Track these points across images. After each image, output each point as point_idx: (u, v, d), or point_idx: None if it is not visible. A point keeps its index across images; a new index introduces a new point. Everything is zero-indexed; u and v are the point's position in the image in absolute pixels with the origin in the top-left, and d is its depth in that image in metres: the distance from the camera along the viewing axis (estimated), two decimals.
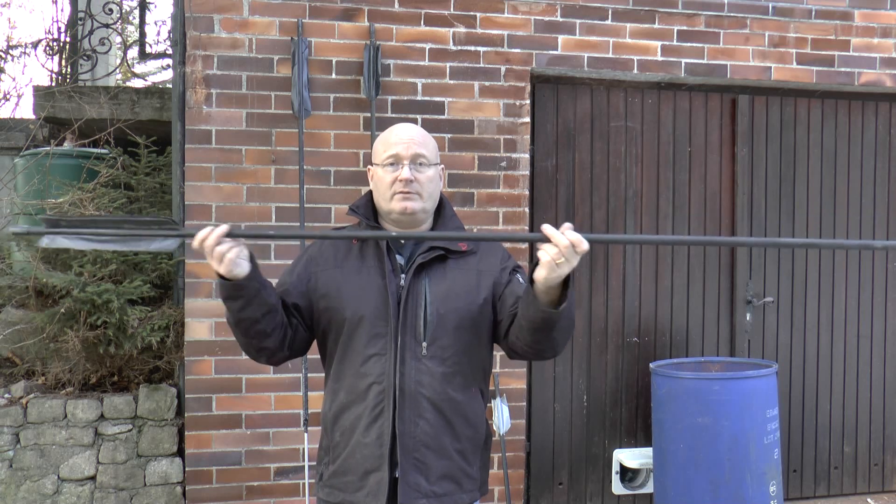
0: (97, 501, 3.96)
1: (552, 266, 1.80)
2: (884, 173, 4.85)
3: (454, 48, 4.12)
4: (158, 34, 11.17)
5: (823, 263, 4.79)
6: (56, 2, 6.40)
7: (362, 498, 2.06)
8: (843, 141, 4.80)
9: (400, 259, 2.13)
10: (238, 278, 1.94)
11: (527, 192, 4.23)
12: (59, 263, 4.28)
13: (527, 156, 4.23)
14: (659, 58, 4.34)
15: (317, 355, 2.26)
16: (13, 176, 4.92)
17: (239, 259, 1.93)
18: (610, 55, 4.28)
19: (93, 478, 3.98)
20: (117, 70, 6.73)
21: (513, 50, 4.18)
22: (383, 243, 2.12)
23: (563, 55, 4.23)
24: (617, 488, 4.53)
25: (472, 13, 4.13)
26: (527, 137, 4.22)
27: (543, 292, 1.88)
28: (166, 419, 4.03)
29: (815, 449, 4.81)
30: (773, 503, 4.05)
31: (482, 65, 4.15)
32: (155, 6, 7.95)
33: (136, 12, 7.09)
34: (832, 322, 4.82)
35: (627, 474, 4.56)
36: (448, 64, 4.11)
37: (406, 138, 2.14)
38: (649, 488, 4.45)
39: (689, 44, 4.37)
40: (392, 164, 2.11)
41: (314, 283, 2.14)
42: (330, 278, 2.13)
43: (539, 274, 1.84)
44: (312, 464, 3.77)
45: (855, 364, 4.85)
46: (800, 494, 4.79)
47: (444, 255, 2.13)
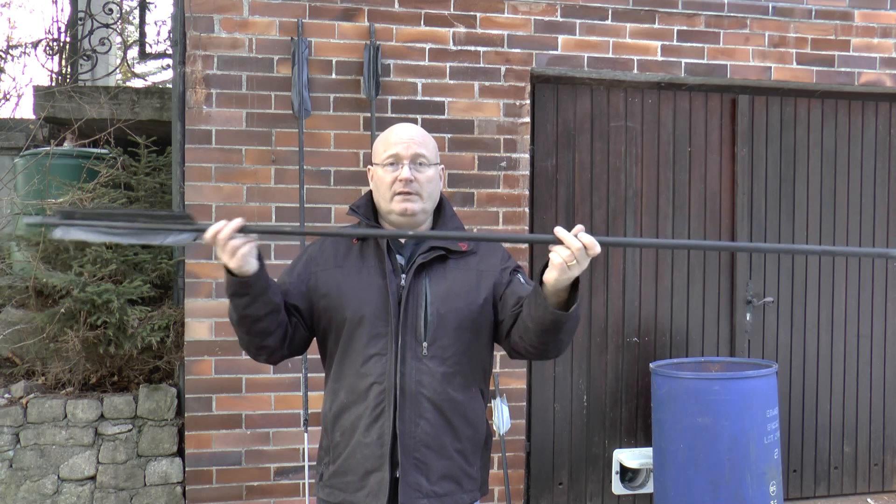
0: (97, 501, 3.96)
1: (563, 268, 1.81)
2: (884, 173, 4.85)
3: (454, 48, 4.12)
4: (158, 34, 11.17)
5: (823, 263, 4.79)
6: (56, 2, 6.40)
7: (363, 498, 2.06)
8: (843, 141, 4.80)
9: (400, 259, 2.13)
10: (247, 275, 1.93)
11: (527, 192, 4.23)
12: (59, 263, 4.28)
13: (527, 156, 4.23)
14: (659, 58, 4.34)
15: (317, 355, 2.27)
16: (13, 176, 4.92)
17: (249, 255, 1.92)
18: (610, 55, 4.28)
19: (93, 478, 3.98)
20: (117, 70, 6.73)
21: (513, 50, 4.18)
22: (383, 244, 2.12)
23: (563, 55, 4.24)
24: (617, 488, 4.53)
25: (472, 13, 4.13)
26: (527, 137, 4.22)
27: (552, 294, 1.89)
28: (166, 419, 4.03)
29: (815, 449, 4.81)
30: (773, 503, 4.05)
31: (482, 65, 4.15)
32: (155, 6, 7.95)
33: (136, 12, 7.09)
34: (832, 322, 4.82)
35: (627, 474, 4.56)
36: (448, 64, 4.11)
37: (406, 138, 2.14)
38: (649, 488, 4.45)
39: (689, 44, 4.37)
40: (392, 164, 2.12)
41: (314, 283, 2.14)
42: (330, 278, 2.13)
43: (549, 276, 1.85)
44: (312, 464, 3.77)
45: (855, 364, 4.85)
46: (800, 494, 4.79)
47: (445, 256, 2.13)
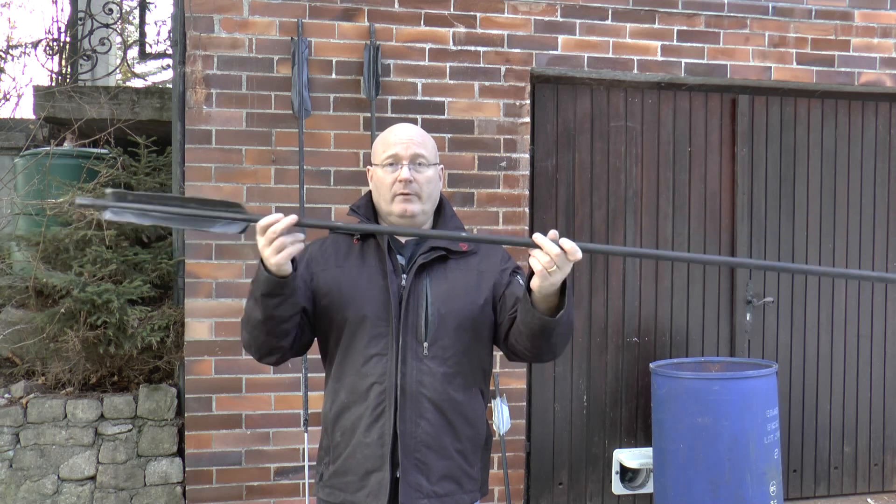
0: (97, 501, 3.96)
1: (544, 274, 1.80)
2: (884, 173, 4.85)
3: (454, 48, 4.12)
4: (158, 34, 11.19)
5: (823, 264, 4.78)
6: (56, 2, 6.40)
7: (363, 498, 2.06)
8: (843, 141, 4.80)
9: (401, 259, 2.13)
10: (285, 275, 1.91)
11: (527, 192, 4.23)
12: (59, 263, 4.28)
13: (527, 156, 4.23)
14: (659, 58, 4.34)
15: (317, 355, 2.26)
16: (13, 176, 4.91)
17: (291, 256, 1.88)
18: (610, 55, 4.28)
19: (93, 478, 3.98)
20: (117, 70, 6.73)
21: (513, 50, 4.18)
22: (384, 244, 2.12)
23: (563, 55, 4.24)
24: (617, 488, 4.53)
25: (472, 13, 4.13)
26: (527, 137, 4.22)
27: (541, 300, 1.88)
28: (166, 419, 4.03)
29: (815, 449, 4.81)
30: (773, 503, 4.05)
31: (482, 65, 4.15)
32: (155, 6, 7.95)
33: (136, 12, 7.09)
34: (832, 322, 4.82)
35: (627, 474, 4.56)
36: (448, 64, 4.11)
37: (405, 138, 2.14)
38: (649, 488, 4.45)
39: (689, 44, 4.37)
40: (391, 165, 2.11)
41: (315, 283, 2.14)
42: (331, 278, 2.13)
43: (533, 283, 1.84)
44: (312, 464, 3.77)
45: (855, 364, 4.85)
46: (800, 494, 4.79)
47: (445, 256, 2.13)
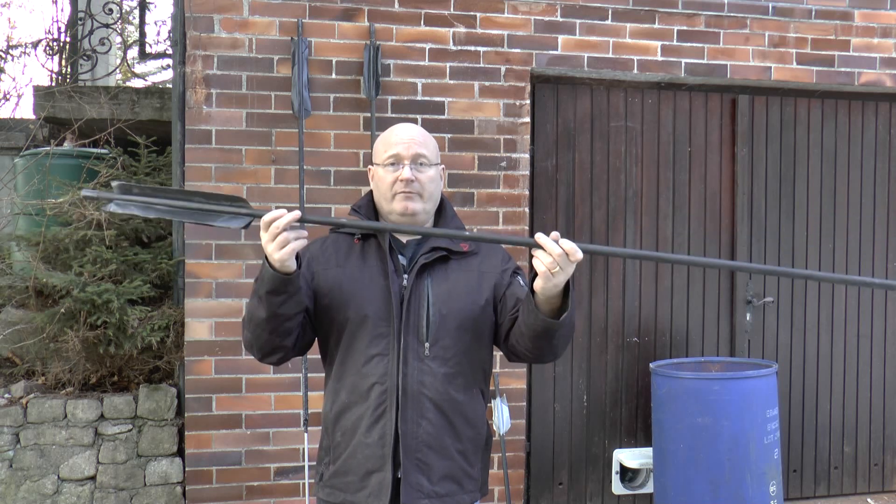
0: (97, 501, 3.96)
1: (548, 276, 1.81)
2: (884, 173, 4.85)
3: (454, 48, 4.12)
4: (158, 34, 11.19)
5: (823, 264, 4.79)
6: (56, 2, 6.40)
7: (363, 498, 2.06)
8: (843, 141, 4.80)
9: (402, 259, 2.13)
10: (290, 272, 1.91)
11: (527, 192, 4.23)
12: (59, 263, 4.28)
13: (527, 156, 4.23)
14: (659, 58, 4.34)
15: (317, 355, 2.26)
16: (13, 176, 4.91)
17: (295, 252, 1.88)
18: (610, 55, 4.28)
19: (93, 478, 3.98)
20: (117, 70, 6.73)
21: (513, 50, 4.18)
22: (385, 244, 2.12)
23: (563, 55, 4.24)
24: (617, 488, 4.53)
25: (472, 13, 4.13)
26: (527, 137, 4.22)
27: (543, 301, 1.88)
28: (166, 419, 4.03)
29: (815, 449, 4.81)
30: (773, 503, 4.05)
31: (482, 65, 4.15)
32: (155, 6, 7.96)
33: (136, 12, 7.09)
34: (832, 322, 4.82)
35: (627, 474, 4.56)
36: (448, 64, 4.11)
37: (407, 138, 2.14)
38: (649, 488, 4.45)
39: (689, 44, 4.37)
40: (393, 164, 2.11)
41: (316, 282, 2.13)
42: (332, 278, 2.13)
43: (537, 284, 1.85)
44: (312, 464, 3.77)
45: (855, 364, 4.85)
46: (800, 494, 4.79)
47: (447, 256, 2.13)
